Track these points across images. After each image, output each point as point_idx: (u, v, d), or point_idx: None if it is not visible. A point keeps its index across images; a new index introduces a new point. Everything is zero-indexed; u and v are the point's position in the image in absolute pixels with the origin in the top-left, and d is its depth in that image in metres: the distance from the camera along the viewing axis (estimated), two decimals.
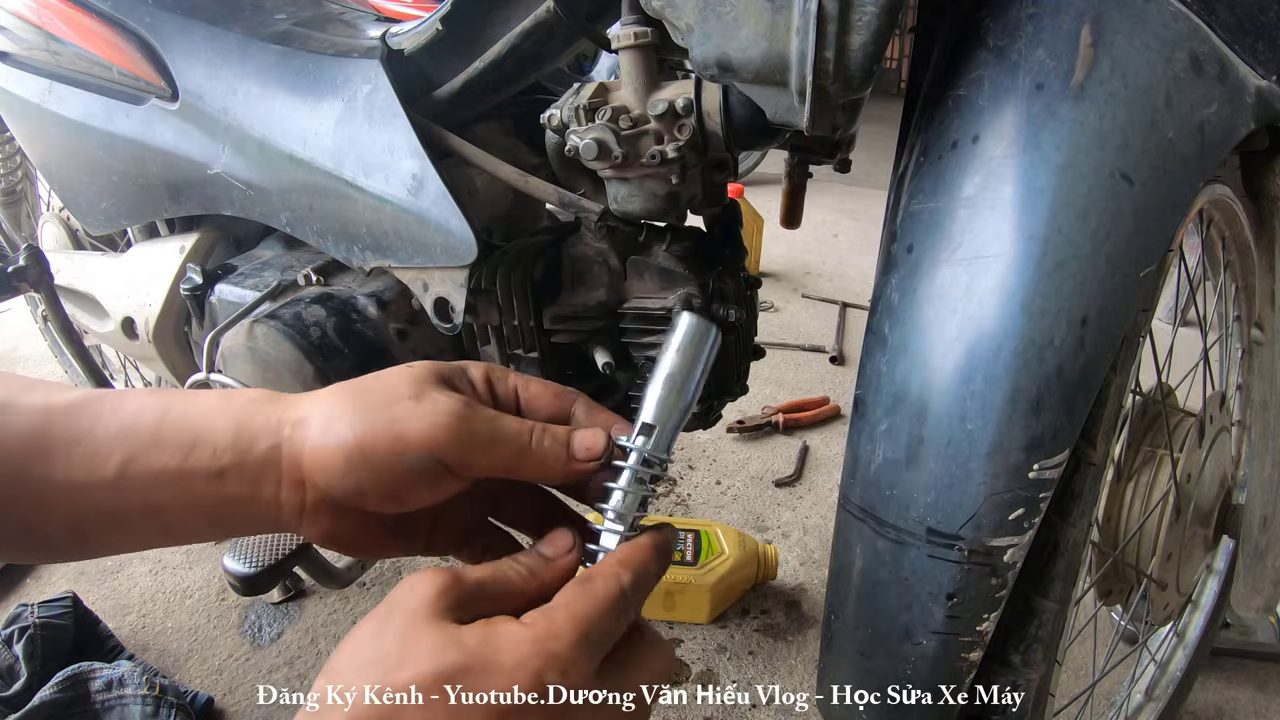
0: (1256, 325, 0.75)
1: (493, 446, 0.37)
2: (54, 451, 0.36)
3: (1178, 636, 0.95)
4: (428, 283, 0.73)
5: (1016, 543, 0.46)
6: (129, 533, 0.38)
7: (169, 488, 0.36)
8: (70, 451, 0.36)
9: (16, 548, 0.38)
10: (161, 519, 0.37)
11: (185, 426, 0.37)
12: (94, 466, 0.36)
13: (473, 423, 0.36)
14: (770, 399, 1.80)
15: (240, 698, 1.02)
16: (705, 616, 1.16)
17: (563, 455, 0.38)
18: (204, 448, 0.37)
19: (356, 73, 0.72)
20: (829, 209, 3.57)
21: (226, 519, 0.38)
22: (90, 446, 0.36)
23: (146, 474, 0.36)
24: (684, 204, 0.67)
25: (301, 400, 0.39)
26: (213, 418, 0.38)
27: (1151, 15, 0.46)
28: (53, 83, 0.91)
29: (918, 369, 0.48)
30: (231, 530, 0.40)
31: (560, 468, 0.38)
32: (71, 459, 0.36)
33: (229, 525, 0.39)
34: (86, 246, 1.27)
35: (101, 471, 0.36)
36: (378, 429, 0.36)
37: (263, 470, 0.37)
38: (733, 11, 0.48)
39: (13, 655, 0.96)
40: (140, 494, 0.36)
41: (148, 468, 0.36)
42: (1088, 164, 0.44)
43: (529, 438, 0.37)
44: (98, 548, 0.38)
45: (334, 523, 0.39)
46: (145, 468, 0.36)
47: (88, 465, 0.36)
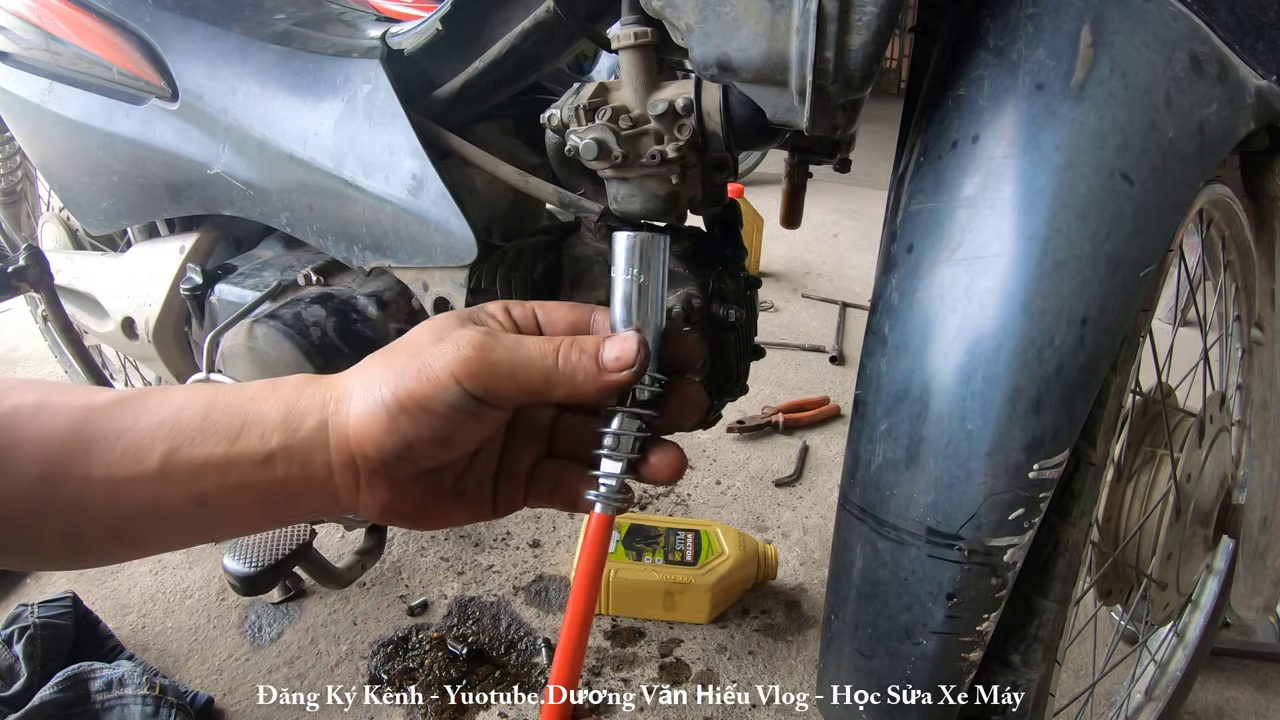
0: (1256, 325, 0.75)
1: (519, 370, 0.37)
2: (94, 448, 0.35)
3: (1178, 636, 0.95)
4: (428, 283, 0.73)
5: (1016, 543, 0.46)
6: (172, 527, 0.37)
7: (215, 475, 0.36)
8: (111, 446, 0.35)
9: (54, 551, 0.37)
10: (207, 507, 0.36)
11: (233, 414, 0.37)
12: (137, 459, 0.35)
13: (495, 350, 0.36)
14: (770, 399, 1.80)
15: (240, 698, 1.02)
16: (705, 616, 1.16)
17: (592, 368, 0.37)
18: (252, 433, 0.36)
19: (356, 73, 0.72)
20: (829, 209, 3.57)
21: (276, 504, 0.38)
22: (133, 440, 0.36)
23: (192, 463, 0.36)
24: (684, 204, 0.67)
25: (343, 377, 0.39)
26: (260, 403, 0.37)
27: (1151, 15, 0.46)
28: (53, 83, 0.91)
29: (918, 369, 0.48)
30: (282, 516, 0.39)
31: (591, 382, 0.37)
32: (113, 454, 0.35)
33: (279, 510, 0.38)
34: (86, 246, 1.27)
35: (145, 464, 0.35)
36: (408, 379, 0.36)
37: (311, 450, 0.37)
38: (733, 11, 0.48)
39: (13, 655, 0.96)
40: (184, 484, 0.36)
41: (193, 457, 0.36)
42: (1088, 164, 0.44)
43: (555, 355, 0.37)
44: (138, 546, 0.38)
45: (392, 491, 0.38)
46: (191, 457, 0.36)
47: (130, 458, 0.35)
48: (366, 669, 1.07)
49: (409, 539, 1.32)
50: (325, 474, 0.37)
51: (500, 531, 1.35)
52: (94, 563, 0.39)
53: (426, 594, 1.20)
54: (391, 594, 1.20)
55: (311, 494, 0.38)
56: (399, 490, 0.38)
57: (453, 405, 0.36)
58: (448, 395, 0.36)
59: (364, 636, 1.12)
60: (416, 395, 0.36)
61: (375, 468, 0.37)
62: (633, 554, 1.17)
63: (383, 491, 0.38)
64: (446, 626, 1.14)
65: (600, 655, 1.10)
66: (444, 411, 0.36)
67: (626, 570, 1.15)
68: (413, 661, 1.08)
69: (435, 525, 0.41)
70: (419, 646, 1.11)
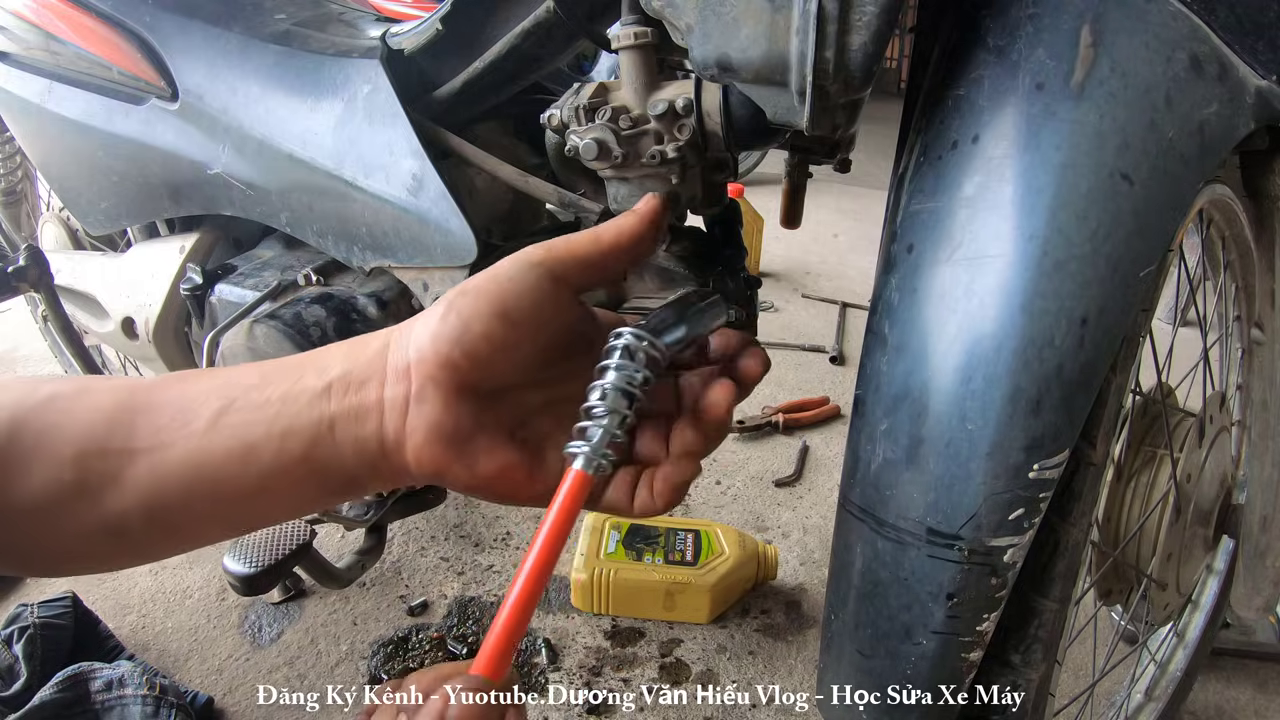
0: (1256, 325, 0.75)
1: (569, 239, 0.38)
2: (138, 421, 0.35)
3: (1178, 636, 0.95)
4: (428, 283, 0.73)
5: (1016, 543, 0.46)
6: (212, 496, 0.35)
7: (266, 418, 0.35)
8: (158, 416, 0.35)
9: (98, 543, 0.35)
10: (250, 465, 0.35)
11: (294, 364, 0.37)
12: (185, 420, 0.35)
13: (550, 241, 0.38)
14: (770, 399, 1.80)
15: (240, 698, 1.02)
16: (705, 616, 1.16)
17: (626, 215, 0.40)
18: (310, 372, 0.36)
19: (356, 73, 0.72)
20: (829, 209, 3.57)
21: (320, 460, 0.36)
22: (181, 405, 0.35)
23: (245, 410, 0.35)
24: (684, 204, 0.67)
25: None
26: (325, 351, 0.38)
27: (1151, 15, 0.46)
28: (53, 83, 0.92)
29: (918, 369, 0.48)
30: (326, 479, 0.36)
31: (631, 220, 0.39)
32: (159, 421, 0.35)
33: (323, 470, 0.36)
34: (86, 246, 1.27)
35: (193, 424, 0.35)
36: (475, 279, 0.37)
37: (369, 372, 0.36)
38: (733, 11, 0.48)
39: (13, 655, 0.96)
40: (231, 437, 0.35)
41: (248, 403, 0.35)
42: (1087, 164, 0.44)
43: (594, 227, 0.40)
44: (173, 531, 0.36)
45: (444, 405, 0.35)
46: (246, 404, 0.35)
47: (179, 421, 0.35)
48: (366, 669, 1.07)
49: (409, 539, 1.32)
50: (376, 400, 0.36)
51: (500, 531, 1.35)
52: (133, 558, 0.37)
53: (426, 594, 1.20)
54: (391, 594, 1.20)
55: (358, 433, 0.36)
56: (450, 405, 0.35)
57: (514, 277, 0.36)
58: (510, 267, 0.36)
59: (364, 636, 1.12)
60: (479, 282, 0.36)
61: (428, 375, 0.35)
62: (633, 554, 1.18)
63: (433, 406, 0.35)
64: (446, 626, 1.14)
65: (600, 655, 1.10)
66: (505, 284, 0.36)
67: (626, 570, 1.15)
68: (413, 662, 1.08)
69: (479, 470, 0.37)
70: (419, 646, 1.11)
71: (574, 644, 1.12)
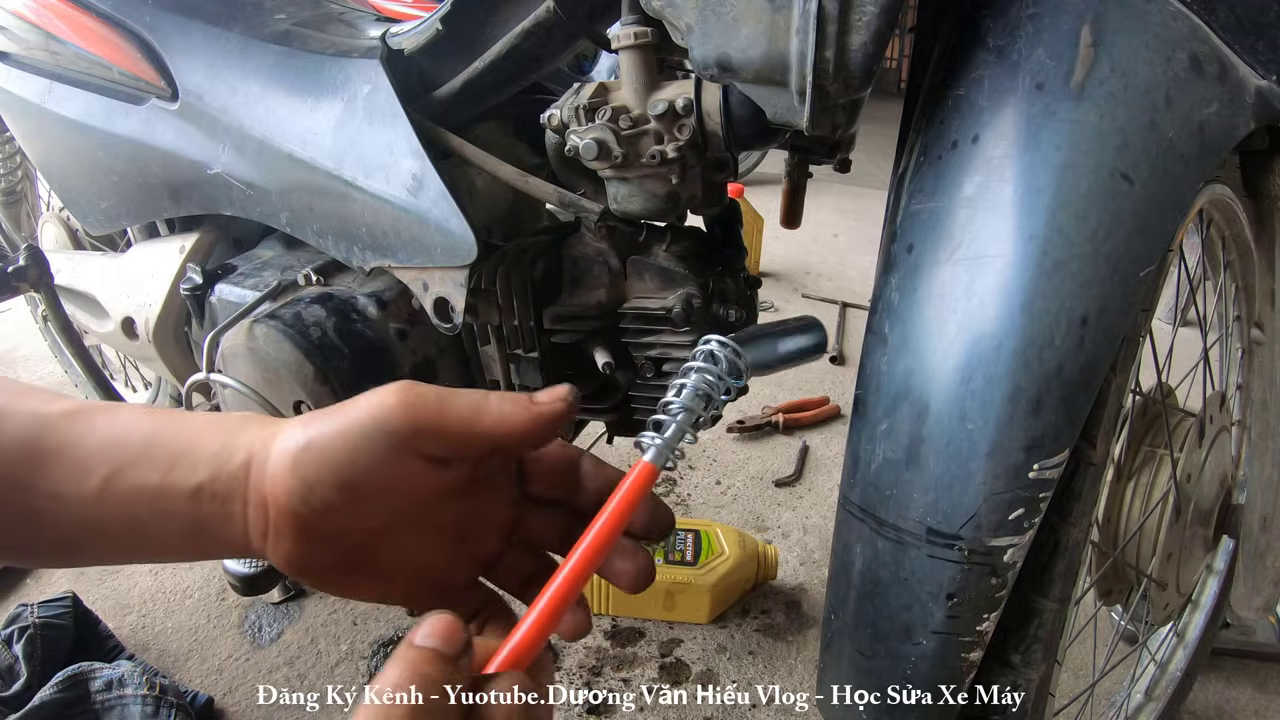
0: (1256, 325, 0.75)
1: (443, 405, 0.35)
2: (43, 461, 0.35)
3: (1178, 636, 0.95)
4: (428, 283, 0.73)
5: (1016, 543, 0.46)
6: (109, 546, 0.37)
7: (148, 504, 0.36)
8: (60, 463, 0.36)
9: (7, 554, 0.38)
10: (141, 535, 0.36)
11: (173, 443, 0.37)
12: (80, 479, 0.36)
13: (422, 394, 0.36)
14: (770, 399, 1.80)
15: (240, 698, 1.02)
16: (705, 616, 1.16)
17: (524, 401, 0.36)
18: (185, 464, 0.36)
19: (356, 73, 0.72)
20: (829, 209, 3.57)
21: (200, 540, 0.37)
22: (78, 457, 0.36)
23: (129, 489, 0.36)
24: (684, 204, 0.67)
25: (286, 420, 0.38)
26: (201, 435, 0.37)
27: (1151, 15, 0.46)
28: (53, 83, 0.92)
29: (918, 369, 0.48)
30: (206, 552, 0.38)
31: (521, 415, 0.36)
32: (59, 470, 0.35)
33: (203, 546, 0.37)
34: (86, 246, 1.27)
35: (86, 484, 0.35)
36: (325, 420, 0.35)
37: (233, 487, 0.36)
38: (733, 11, 0.48)
39: (13, 655, 0.96)
40: (121, 509, 0.36)
41: (131, 483, 0.36)
42: (1087, 164, 0.44)
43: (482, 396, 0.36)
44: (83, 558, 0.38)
45: (297, 543, 0.36)
46: (129, 482, 0.36)
47: (74, 478, 0.36)
48: (366, 669, 1.07)
49: None
50: (241, 513, 0.36)
51: None
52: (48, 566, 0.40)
53: None
54: None
55: (229, 535, 0.37)
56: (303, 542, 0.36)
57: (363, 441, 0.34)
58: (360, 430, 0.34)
59: (364, 636, 1.12)
60: (328, 435, 0.35)
61: (281, 512, 0.35)
62: None
63: (288, 540, 0.36)
64: None
65: (600, 655, 1.10)
66: (352, 449, 0.34)
67: None
68: None
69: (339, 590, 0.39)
70: None
71: (574, 644, 1.12)
